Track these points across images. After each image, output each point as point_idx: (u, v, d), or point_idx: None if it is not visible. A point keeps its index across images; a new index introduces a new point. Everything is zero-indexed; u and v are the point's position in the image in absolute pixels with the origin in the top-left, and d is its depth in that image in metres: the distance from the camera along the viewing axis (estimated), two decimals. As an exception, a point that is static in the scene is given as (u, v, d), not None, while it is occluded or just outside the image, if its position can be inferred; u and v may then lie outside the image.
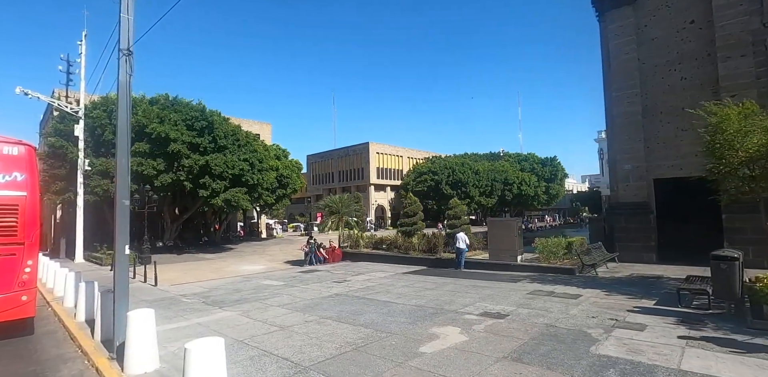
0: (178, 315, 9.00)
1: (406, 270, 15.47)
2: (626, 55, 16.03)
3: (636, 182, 15.65)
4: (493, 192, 61.36)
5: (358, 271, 15.74)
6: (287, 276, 15.04)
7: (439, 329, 7.27)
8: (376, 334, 7.04)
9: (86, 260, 22.26)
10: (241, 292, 11.83)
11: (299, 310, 9.20)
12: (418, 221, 19.30)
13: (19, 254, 7.69)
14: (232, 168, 26.81)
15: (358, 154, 64.51)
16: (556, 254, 14.10)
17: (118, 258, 6.44)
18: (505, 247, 14.75)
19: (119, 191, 6.55)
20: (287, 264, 21.05)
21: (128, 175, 6.71)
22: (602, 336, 6.64)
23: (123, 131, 6.65)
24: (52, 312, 10.07)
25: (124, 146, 6.66)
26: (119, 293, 6.35)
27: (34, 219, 8.12)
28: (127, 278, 6.60)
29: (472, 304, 9.28)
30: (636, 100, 15.77)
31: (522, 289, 10.95)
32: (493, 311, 8.60)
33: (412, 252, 17.94)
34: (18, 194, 7.87)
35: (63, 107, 23.96)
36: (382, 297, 10.43)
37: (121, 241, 6.45)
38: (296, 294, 11.21)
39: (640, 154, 15.62)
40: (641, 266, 14.25)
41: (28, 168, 8.11)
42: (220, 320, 8.45)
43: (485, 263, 15.15)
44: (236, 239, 38.32)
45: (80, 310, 8.74)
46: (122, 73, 6.69)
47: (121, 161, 6.62)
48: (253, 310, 9.32)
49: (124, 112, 6.72)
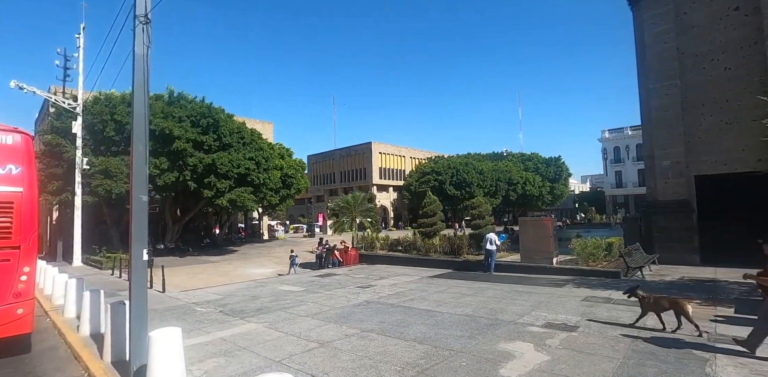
0: (195, 328, 7.92)
1: (431, 274, 14.44)
2: (664, 45, 15.10)
3: (675, 179, 14.70)
4: (497, 192, 60.48)
5: (380, 275, 14.69)
6: (304, 281, 13.96)
7: (507, 345, 6.24)
8: (437, 352, 6.00)
9: (85, 263, 21.07)
10: (260, 299, 10.74)
11: (333, 321, 8.13)
12: (437, 222, 18.30)
13: (14, 260, 6.58)
14: (238, 167, 25.74)
15: (360, 154, 63.44)
16: (595, 256, 13.11)
17: (134, 265, 5.37)
18: (540, 248, 13.74)
19: (136, 186, 5.47)
20: (299, 267, 19.97)
21: (146, 166, 5.64)
22: (707, 354, 5.64)
23: (140, 115, 5.59)
24: (51, 323, 8.94)
25: (141, 133, 5.59)
26: (136, 307, 5.28)
27: (32, 219, 7.01)
28: (146, 289, 5.53)
29: (527, 313, 8.25)
30: (675, 92, 14.84)
31: (572, 295, 9.94)
32: (556, 321, 7.57)
33: (433, 254, 16.91)
34: (12, 189, 6.76)
35: (60, 103, 22.76)
36: (420, 305, 9.39)
37: (137, 245, 5.38)
38: (322, 302, 10.14)
39: (679, 149, 14.68)
40: (686, 269, 13.28)
41: (24, 160, 7.00)
42: (245, 334, 7.37)
43: (517, 265, 14.14)
44: (239, 241, 37.17)
45: (84, 322, 7.63)
46: (138, 45, 5.62)
47: (138, 148, 5.54)
48: (280, 321, 8.24)
49: (141, 92, 5.65)
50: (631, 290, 7.17)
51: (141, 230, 5.45)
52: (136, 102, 5.62)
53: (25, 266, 6.71)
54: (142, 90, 5.68)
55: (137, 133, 5.58)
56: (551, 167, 68.12)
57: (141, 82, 5.66)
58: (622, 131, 71.47)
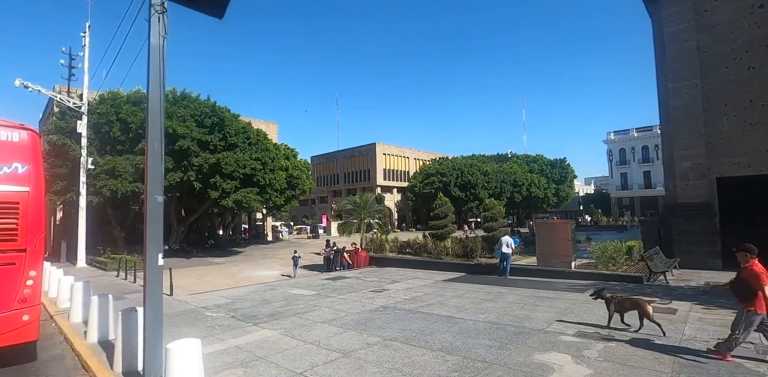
0: (208, 334, 7.55)
1: (444, 277, 14.05)
2: (684, 43, 14.72)
3: (696, 181, 14.30)
4: (502, 194, 60.00)
5: (392, 278, 14.31)
6: (315, 284, 13.59)
7: (543, 356, 5.86)
8: (469, 364, 5.62)
9: (89, 264, 20.75)
10: (272, 304, 10.38)
11: (351, 328, 7.76)
12: (449, 224, 17.91)
13: (20, 264, 6.23)
14: (244, 167, 25.41)
15: (364, 155, 63.16)
16: (616, 260, 12.70)
17: (149, 270, 5.01)
18: (557, 252, 13.35)
19: (151, 186, 5.13)
20: (306, 270, 19.60)
21: (162, 165, 5.30)
22: (760, 367, 5.26)
23: (155, 112, 5.25)
24: (56, 329, 8.60)
25: (156, 130, 5.26)
26: (151, 315, 4.92)
27: (38, 220, 6.67)
28: (161, 296, 5.18)
29: (555, 321, 7.86)
30: (696, 92, 14.44)
31: (596, 301, 9.52)
32: (588, 330, 7.19)
33: (445, 257, 16.52)
34: (18, 189, 6.42)
35: (65, 102, 22.52)
36: (439, 311, 9.01)
37: (153, 248, 5.04)
38: (336, 307, 9.77)
39: (700, 150, 14.28)
40: (710, 274, 12.85)
41: (31, 158, 6.66)
42: (261, 342, 7.00)
43: (533, 269, 13.74)
44: (243, 242, 36.83)
45: (92, 329, 7.28)
46: (154, 35, 5.29)
47: (153, 146, 5.20)
48: (296, 328, 7.88)
49: (157, 86, 5.32)
50: (598, 292, 7.47)
51: (156, 233, 5.11)
52: (151, 98, 5.28)
53: (32, 270, 6.37)
54: (158, 85, 5.35)
55: (152, 130, 5.24)
56: (556, 168, 67.66)
57: (156, 76, 5.33)
58: (627, 132, 70.98)
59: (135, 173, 22.91)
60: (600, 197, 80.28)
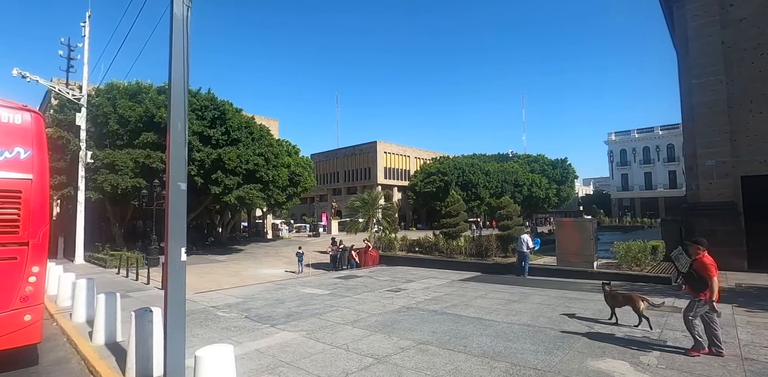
0: (224, 337, 7.00)
1: (460, 277, 13.55)
2: (709, 38, 14.28)
3: (720, 180, 13.87)
4: (503, 194, 59.47)
5: (406, 277, 13.79)
6: (326, 283, 13.05)
7: (598, 363, 5.36)
8: (520, 372, 5.11)
9: (87, 261, 20.10)
10: (285, 304, 9.83)
11: (377, 330, 7.24)
12: (460, 222, 17.41)
13: (22, 259, 5.67)
14: (246, 163, 24.80)
15: (365, 153, 62.59)
16: (640, 260, 12.24)
17: (172, 267, 4.46)
18: (578, 251, 12.88)
19: (173, 171, 4.57)
20: (312, 268, 19.06)
21: (185, 148, 4.73)
22: None
23: (178, 90, 4.71)
24: (59, 329, 8.01)
25: (179, 109, 4.71)
26: (173, 318, 4.38)
27: (42, 211, 6.12)
28: (184, 297, 4.63)
29: (595, 323, 7.39)
30: (721, 88, 14.01)
31: (630, 303, 9.05)
32: (635, 334, 6.71)
33: (458, 256, 16.03)
34: (21, 176, 5.86)
35: (64, 94, 21.81)
36: (465, 312, 8.50)
37: (175, 241, 4.48)
38: (356, 307, 9.24)
39: (725, 148, 13.85)
40: (736, 275, 12.44)
41: (35, 142, 6.10)
42: (284, 345, 6.46)
43: (553, 269, 13.27)
44: (243, 240, 36.20)
45: (98, 330, 6.71)
46: (177, 4, 4.74)
47: (176, 127, 4.64)
48: (318, 330, 7.34)
49: (180, 60, 4.77)
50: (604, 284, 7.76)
51: (179, 225, 4.56)
52: (174, 73, 4.74)
53: (34, 265, 5.81)
54: (181, 59, 4.80)
55: (175, 109, 4.68)
56: (557, 169, 67.36)
57: (180, 50, 4.78)
58: (628, 133, 70.87)
59: (136, 168, 22.27)
60: (600, 197, 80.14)
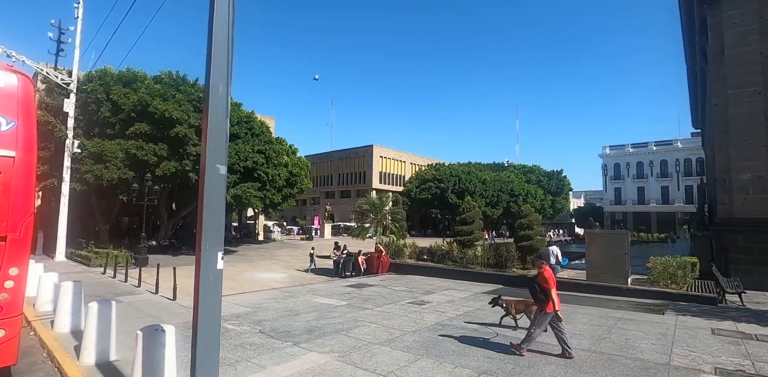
0: (240, 358, 5.83)
1: (481, 289, 12.52)
2: (747, 47, 13.70)
3: (758, 195, 13.19)
4: (499, 203, 59.10)
5: (422, 288, 12.71)
6: (338, 292, 11.88)
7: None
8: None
9: (69, 258, 18.53)
10: (301, 315, 8.66)
11: (421, 353, 6.15)
12: (475, 230, 16.43)
13: (-4, 257, 4.47)
14: (245, 160, 23.57)
15: (360, 156, 61.49)
16: (682, 278, 11.38)
17: (204, 276, 3.34)
18: (611, 266, 11.98)
19: (211, 148, 3.48)
20: (312, 274, 17.87)
21: (227, 120, 3.64)
22: None
23: (222, 31, 3.61)
24: (36, 340, 6.72)
25: (222, 61, 3.61)
26: (205, 343, 3.24)
27: (26, 198, 4.94)
28: (219, 314, 3.49)
29: (670, 352, 6.40)
30: (758, 99, 13.40)
31: (689, 325, 8.14)
32: (725, 366, 5.76)
33: (474, 266, 15.02)
34: (1, 153, 4.66)
35: (53, 77, 20.34)
36: (513, 333, 7.47)
37: (211, 242, 3.38)
38: (383, 322, 8.12)
39: (762, 162, 13.19)
40: (776, 296, 11.71)
41: (20, 111, 4.89)
42: (317, 372, 5.32)
43: (582, 284, 12.32)
44: (235, 241, 34.66)
45: (88, 347, 5.48)
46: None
47: (216, 90, 3.56)
48: (351, 351, 6.21)
49: (225, 12, 3.68)
50: (495, 300, 8.09)
51: (216, 221, 3.45)
52: (217, 11, 3.64)
53: (12, 266, 4.58)
54: (227, 13, 3.71)
55: (216, 65, 3.59)
56: (553, 180, 67.24)
57: None
58: (623, 148, 71.31)
59: (126, 159, 20.82)
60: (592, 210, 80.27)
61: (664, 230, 56.91)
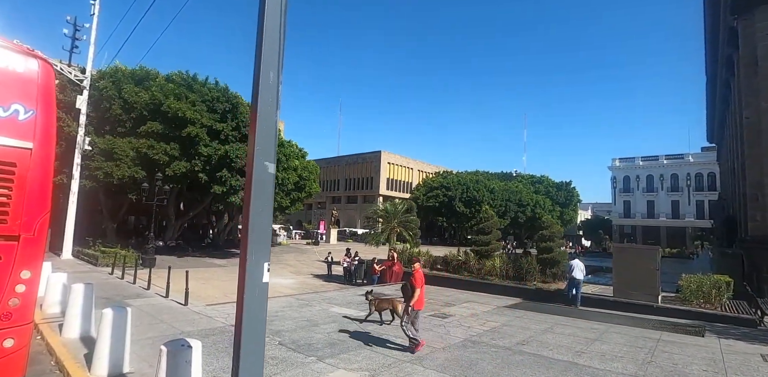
0: (266, 374, 5.34)
1: (503, 303, 12.01)
2: (784, 58, 13.27)
3: (793, 212, 12.66)
4: (507, 213, 58.40)
5: (442, 300, 12.21)
6: (354, 301, 11.41)
7: None
8: None
9: (75, 256, 18.17)
10: (320, 326, 8.19)
11: (457, 373, 5.67)
12: (493, 241, 15.92)
13: (8, 259, 3.97)
14: (256, 162, 23.19)
15: (368, 162, 61.26)
16: (716, 298, 10.82)
17: (249, 293, 2.91)
18: (640, 283, 11.44)
19: (259, 143, 3.07)
20: (322, 280, 17.40)
21: (277, 111, 3.23)
22: None
23: (274, 12, 3.21)
24: (44, 345, 6.30)
25: (273, 46, 3.21)
26: (249, 365, 2.79)
27: (43, 194, 4.48)
28: (264, 332, 3.05)
29: (729, 382, 5.89)
30: (795, 111, 12.93)
31: (735, 350, 7.60)
32: None
33: (492, 278, 14.50)
34: (16, 144, 4.17)
35: (66, 73, 20.20)
36: (548, 353, 6.97)
37: (257, 251, 2.97)
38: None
39: (799, 177, 12.69)
40: (816, 320, 11.08)
41: (40, 100, 4.44)
42: (349, 393, 4.86)
43: (609, 300, 11.79)
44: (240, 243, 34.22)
45: (100, 356, 5.05)
46: None
47: (267, 77, 3.15)
48: (382, 369, 5.74)
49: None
50: (367, 293, 9.06)
51: (263, 227, 3.04)
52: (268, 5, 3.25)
53: (25, 269, 4.11)
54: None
55: (267, 50, 3.18)
56: (562, 191, 66.57)
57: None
58: (633, 160, 70.59)
59: (136, 158, 20.56)
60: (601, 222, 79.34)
61: (674, 245, 56.02)
